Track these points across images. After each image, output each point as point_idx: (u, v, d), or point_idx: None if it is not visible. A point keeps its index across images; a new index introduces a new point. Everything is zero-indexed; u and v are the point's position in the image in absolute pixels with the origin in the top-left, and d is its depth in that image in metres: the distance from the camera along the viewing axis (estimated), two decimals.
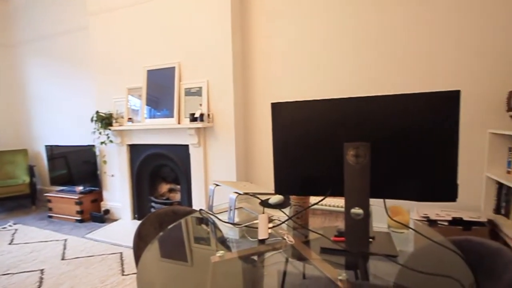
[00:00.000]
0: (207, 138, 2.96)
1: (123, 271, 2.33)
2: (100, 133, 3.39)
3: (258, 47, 2.89)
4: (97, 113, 3.36)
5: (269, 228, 1.09)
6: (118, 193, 3.61)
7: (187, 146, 3.04)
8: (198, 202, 3.03)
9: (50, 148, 4.00)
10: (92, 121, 3.35)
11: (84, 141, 4.06)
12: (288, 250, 0.96)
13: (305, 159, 0.98)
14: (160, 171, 3.47)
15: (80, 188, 3.77)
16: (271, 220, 1.20)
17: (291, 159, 1.00)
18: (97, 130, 3.37)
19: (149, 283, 0.81)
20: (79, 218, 3.54)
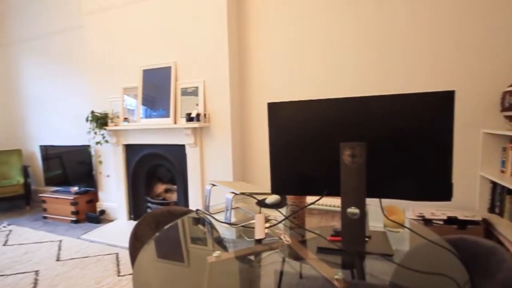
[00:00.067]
0: (203, 138, 2.96)
1: (119, 272, 2.32)
2: (95, 133, 3.37)
3: (255, 47, 2.89)
4: (92, 113, 3.33)
5: (265, 228, 1.09)
6: (113, 193, 3.59)
7: (183, 146, 3.03)
8: (194, 202, 3.03)
9: (45, 148, 3.96)
10: (87, 121, 3.32)
11: (79, 141, 4.03)
12: (285, 250, 0.96)
13: (301, 159, 0.98)
14: (156, 171, 3.46)
15: (75, 189, 3.74)
16: (267, 220, 1.20)
17: (287, 159, 1.00)
18: (93, 130, 3.35)
19: (145, 283, 0.81)
20: (74, 219, 3.51)
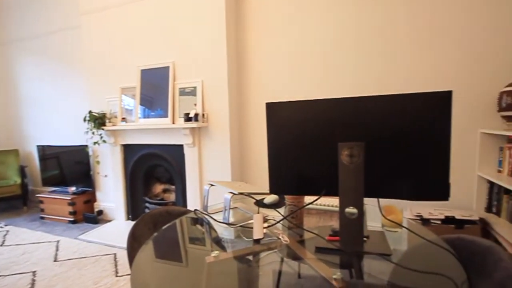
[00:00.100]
0: (201, 138, 2.95)
1: (117, 272, 2.31)
2: (93, 133, 3.35)
3: (253, 47, 2.89)
4: (90, 112, 3.32)
5: (264, 228, 1.09)
6: (111, 193, 3.58)
7: (181, 146, 3.03)
8: (193, 202, 3.02)
9: (42, 148, 3.94)
10: (85, 121, 3.31)
11: (76, 141, 4.01)
12: (283, 250, 0.96)
13: (299, 159, 0.98)
14: (154, 171, 3.45)
15: (73, 189, 3.72)
16: (266, 220, 1.20)
17: (286, 159, 1.00)
18: (90, 130, 3.34)
19: (143, 284, 0.81)
20: (71, 219, 3.50)
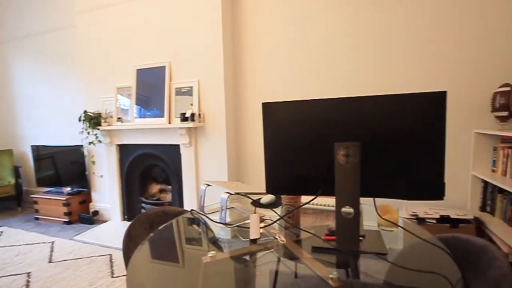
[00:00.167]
0: (198, 138, 2.94)
1: (112, 273, 2.29)
2: (88, 133, 3.33)
3: (250, 47, 2.89)
4: (85, 112, 3.29)
5: (260, 227, 1.09)
6: (107, 194, 3.56)
7: (178, 146, 3.02)
8: (189, 203, 3.01)
9: (36, 149, 3.90)
10: (80, 120, 3.29)
11: (72, 141, 3.98)
12: (280, 250, 0.97)
13: (296, 158, 0.98)
14: (150, 171, 3.43)
15: (68, 189, 3.69)
16: (262, 220, 1.20)
17: (282, 158, 1.00)
18: (85, 130, 3.31)
19: (140, 284, 0.80)
20: (67, 220, 3.47)
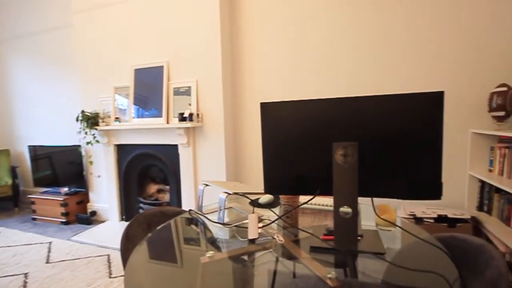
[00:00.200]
0: (196, 138, 2.94)
1: (110, 273, 2.29)
2: (86, 133, 3.31)
3: (248, 46, 2.89)
4: (82, 112, 3.28)
5: (259, 227, 1.09)
6: (105, 194, 3.54)
7: (176, 146, 3.01)
8: (187, 203, 3.01)
9: (34, 149, 3.88)
10: (77, 120, 3.27)
11: (69, 141, 3.96)
12: (278, 250, 0.97)
13: (294, 158, 0.98)
14: (148, 171, 3.43)
15: (65, 190, 3.68)
16: (261, 220, 1.20)
17: (280, 158, 1.00)
18: (83, 130, 3.30)
19: (137, 285, 0.80)
20: (64, 220, 3.45)
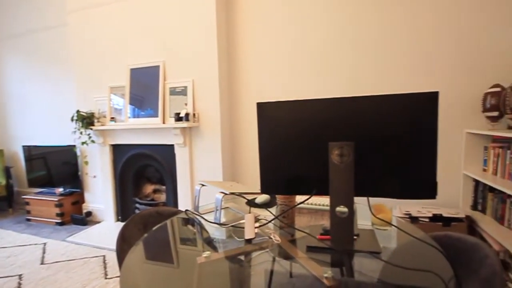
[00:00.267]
0: (192, 137, 2.93)
1: (106, 274, 2.27)
2: (81, 133, 3.29)
3: (245, 46, 2.89)
4: (77, 112, 3.25)
5: (255, 227, 1.09)
6: (100, 194, 3.52)
7: (172, 146, 3.00)
8: (184, 203, 3.00)
9: (28, 149, 3.84)
10: (72, 120, 3.25)
11: (64, 141, 3.93)
12: (275, 249, 0.97)
13: (291, 158, 0.99)
14: (144, 171, 3.41)
15: (60, 190, 3.65)
16: (257, 220, 1.20)
17: (277, 158, 1.00)
18: (78, 130, 3.27)
19: (133, 286, 0.80)
20: (59, 221, 3.42)
